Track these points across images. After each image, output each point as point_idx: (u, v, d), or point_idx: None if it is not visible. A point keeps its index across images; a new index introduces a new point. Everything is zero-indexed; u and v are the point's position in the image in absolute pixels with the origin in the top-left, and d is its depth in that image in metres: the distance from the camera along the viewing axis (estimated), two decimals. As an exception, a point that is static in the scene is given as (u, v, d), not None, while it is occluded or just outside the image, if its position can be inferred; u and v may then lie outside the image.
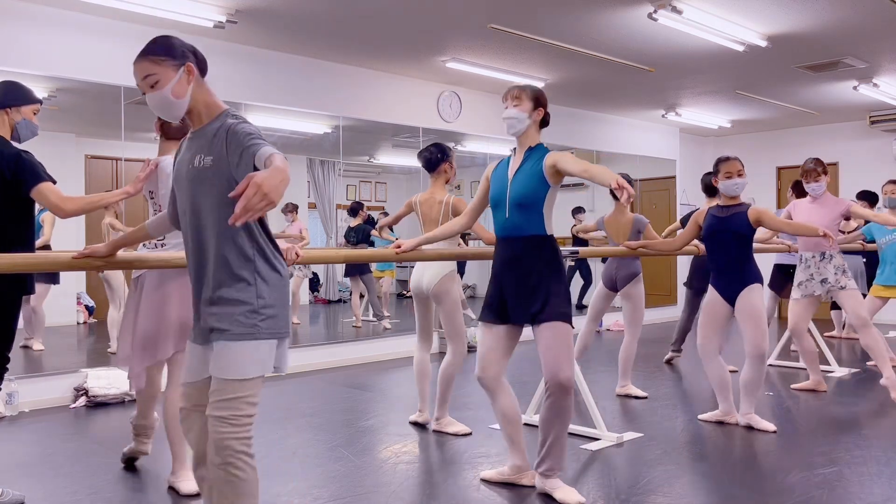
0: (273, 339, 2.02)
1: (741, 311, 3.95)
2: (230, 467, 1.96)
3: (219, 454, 1.96)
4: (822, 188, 4.86)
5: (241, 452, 1.97)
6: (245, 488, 1.97)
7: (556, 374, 2.84)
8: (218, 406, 1.96)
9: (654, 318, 9.65)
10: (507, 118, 3.00)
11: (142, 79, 1.99)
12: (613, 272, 4.88)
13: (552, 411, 2.89)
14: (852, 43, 5.94)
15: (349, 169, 8.04)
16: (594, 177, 2.65)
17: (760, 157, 10.35)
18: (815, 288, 4.82)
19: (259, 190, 1.55)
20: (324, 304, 9.08)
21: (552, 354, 2.85)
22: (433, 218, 4.02)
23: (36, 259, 2.35)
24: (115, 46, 5.18)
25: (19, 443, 3.91)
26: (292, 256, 2.75)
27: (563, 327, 2.87)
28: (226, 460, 1.96)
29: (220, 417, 1.96)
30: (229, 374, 1.96)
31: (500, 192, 3.02)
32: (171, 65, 1.99)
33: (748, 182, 4.07)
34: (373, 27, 5.47)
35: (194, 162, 2.00)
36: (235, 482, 1.96)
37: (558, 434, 2.92)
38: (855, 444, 3.70)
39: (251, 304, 1.98)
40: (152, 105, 2.01)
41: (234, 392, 1.96)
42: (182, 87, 2.00)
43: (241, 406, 1.97)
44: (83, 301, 6.18)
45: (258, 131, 1.95)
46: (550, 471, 2.97)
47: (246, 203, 1.55)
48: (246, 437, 1.99)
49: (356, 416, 4.45)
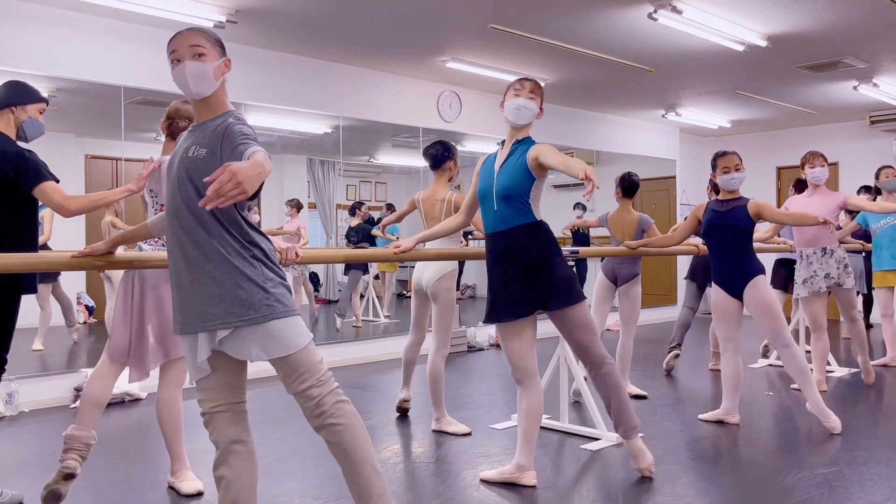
0: (288, 316, 2.04)
1: (752, 305, 3.93)
2: (333, 418, 2.05)
3: (318, 418, 2.05)
4: (826, 175, 4.85)
5: (337, 402, 2.07)
6: (354, 433, 2.07)
7: (587, 353, 3.04)
8: (298, 381, 2.04)
9: (654, 317, 9.65)
10: (522, 107, 2.98)
11: (188, 46, 2.02)
12: (616, 268, 4.86)
13: (598, 382, 3.09)
14: (852, 43, 5.94)
15: (349, 169, 8.04)
16: (568, 169, 2.68)
17: (760, 157, 10.35)
18: (819, 283, 4.82)
19: (234, 177, 1.58)
20: (324, 303, 9.07)
21: (580, 339, 3.02)
22: (435, 215, 4.02)
23: (35, 259, 2.35)
24: (115, 46, 5.18)
25: (19, 443, 3.91)
26: (292, 256, 2.75)
27: (579, 308, 3.00)
28: (325, 421, 2.05)
29: (308, 388, 2.04)
30: (287, 351, 2.02)
31: (487, 186, 3.04)
32: (217, 49, 2.07)
33: (746, 179, 4.06)
34: (373, 27, 5.47)
35: (189, 152, 2.03)
36: (342, 432, 2.05)
37: (617, 400, 3.11)
38: (855, 444, 3.70)
39: (262, 286, 2.00)
40: (190, 73, 2.01)
41: (300, 364, 2.04)
42: (219, 71, 2.06)
43: (313, 369, 2.06)
44: (83, 301, 6.18)
45: (254, 134, 1.99)
46: (627, 432, 3.16)
47: (219, 187, 1.57)
48: (335, 387, 2.09)
49: (356, 416, 4.44)
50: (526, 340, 3.03)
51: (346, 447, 2.06)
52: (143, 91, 5.28)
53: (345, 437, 2.06)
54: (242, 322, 1.98)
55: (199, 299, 2.00)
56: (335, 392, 2.08)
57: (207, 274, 1.99)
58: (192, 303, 2.01)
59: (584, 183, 2.48)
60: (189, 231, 2.02)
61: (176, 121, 3.05)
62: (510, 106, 3.00)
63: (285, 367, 2.04)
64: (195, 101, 2.08)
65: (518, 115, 2.99)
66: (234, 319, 1.98)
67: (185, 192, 2.02)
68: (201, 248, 2.01)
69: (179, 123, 3.04)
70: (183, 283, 2.03)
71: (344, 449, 2.06)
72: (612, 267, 4.89)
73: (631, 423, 3.14)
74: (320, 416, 2.05)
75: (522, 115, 2.99)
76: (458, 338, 7.10)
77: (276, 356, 2.02)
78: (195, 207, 2.00)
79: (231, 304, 1.98)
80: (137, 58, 5.28)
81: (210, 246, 2.00)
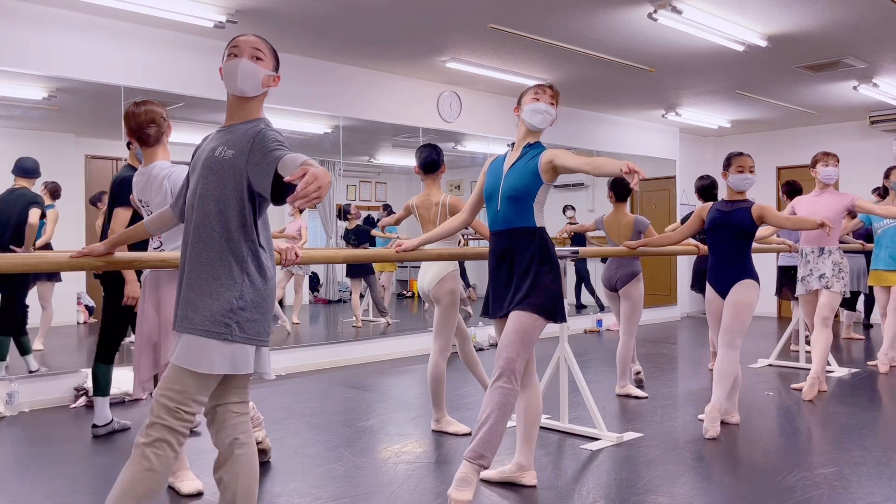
0: (246, 343, 2.03)
1: (729, 301, 3.95)
2: (148, 449, 1.97)
3: (142, 436, 1.98)
4: (836, 175, 4.85)
5: (162, 441, 1.98)
6: (251, 460, 2.09)
7: (503, 353, 2.86)
8: (163, 390, 2.00)
9: (654, 317, 9.65)
10: (544, 111, 3.01)
11: (250, 47, 2.10)
12: (613, 272, 4.87)
13: (492, 392, 2.84)
14: (852, 43, 5.93)
15: (349, 169, 8.03)
16: (598, 168, 2.65)
17: (760, 157, 10.34)
18: (813, 283, 4.83)
19: (316, 181, 1.65)
20: (324, 304, 9.07)
21: (510, 339, 2.87)
22: (431, 219, 4.02)
23: (35, 259, 2.35)
24: (115, 46, 5.18)
25: (19, 443, 3.91)
26: (292, 256, 2.75)
27: (528, 318, 2.87)
28: (144, 444, 1.97)
29: (161, 404, 1.99)
30: (180, 362, 1.99)
31: (493, 185, 3.05)
32: (273, 62, 2.17)
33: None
34: (373, 27, 5.47)
35: (216, 152, 2.06)
36: (139, 468, 1.95)
37: (496, 419, 2.80)
38: (855, 444, 3.70)
39: (228, 303, 2.00)
40: (243, 69, 2.07)
41: (181, 382, 1.99)
42: (268, 80, 2.13)
43: (185, 400, 2.00)
44: (83, 301, 6.18)
45: (285, 141, 2.02)
46: (475, 456, 2.80)
47: (305, 188, 1.63)
48: (178, 429, 2.00)
49: (356, 416, 4.45)
50: None
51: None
52: (143, 91, 5.28)
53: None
54: (188, 330, 2.01)
55: (190, 299, 2.03)
56: (173, 432, 2.00)
57: (194, 275, 2.03)
58: (186, 301, 2.05)
59: (627, 177, 2.46)
60: (195, 230, 2.05)
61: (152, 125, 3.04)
62: (531, 109, 3.02)
63: (170, 373, 2.02)
64: (232, 101, 2.12)
65: (541, 120, 3.02)
66: (187, 324, 2.02)
67: (204, 192, 2.05)
68: (198, 249, 2.04)
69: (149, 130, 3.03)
70: (183, 280, 2.07)
71: (128, 480, 1.95)
72: (610, 273, 4.90)
73: (485, 451, 2.78)
74: (145, 435, 1.98)
75: (545, 121, 3.03)
76: (458, 338, 7.09)
77: (175, 362, 2.01)
78: (208, 207, 2.03)
79: (192, 310, 2.01)
80: (137, 58, 5.28)
81: (207, 249, 2.03)
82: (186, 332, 2.01)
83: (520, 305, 2.89)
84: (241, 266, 2.02)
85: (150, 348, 2.96)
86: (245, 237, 2.04)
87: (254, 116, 2.13)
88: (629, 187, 4.89)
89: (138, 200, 3.06)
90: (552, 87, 3.08)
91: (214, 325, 1.98)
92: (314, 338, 6.80)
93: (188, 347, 2.00)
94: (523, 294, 2.89)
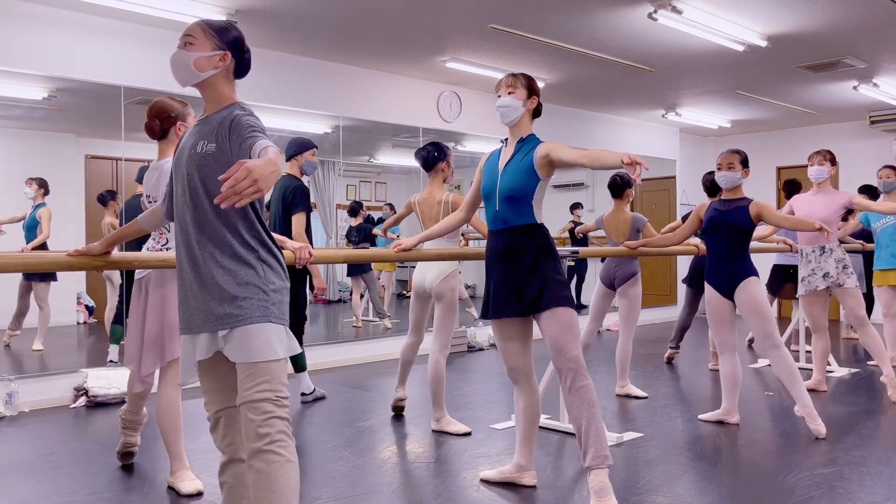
0: (282, 324, 2.01)
1: (743, 305, 3.93)
2: (275, 446, 1.90)
3: (259, 439, 1.90)
4: (824, 174, 4.83)
5: (284, 432, 1.94)
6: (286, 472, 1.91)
7: (562, 354, 2.79)
8: (255, 389, 1.93)
9: (654, 317, 9.65)
10: (502, 107, 2.96)
11: (183, 35, 2.05)
12: (612, 271, 4.87)
13: (572, 396, 2.78)
14: (852, 43, 5.94)
15: (349, 169, 8.03)
16: (596, 160, 2.58)
17: (760, 157, 10.34)
18: (817, 283, 4.81)
19: (249, 175, 1.55)
20: (324, 304, 9.07)
21: (558, 339, 2.79)
22: (432, 217, 4.02)
23: (33, 258, 2.35)
24: (115, 46, 5.18)
25: (19, 443, 3.91)
26: (305, 255, 2.73)
27: (566, 312, 2.82)
28: (264, 446, 1.89)
29: (262, 400, 1.92)
30: (259, 357, 1.94)
31: (490, 185, 3.00)
32: (213, 42, 2.05)
33: (745, 180, 4.03)
34: (373, 27, 5.47)
35: (197, 147, 2.01)
36: (277, 465, 1.89)
37: (589, 420, 2.75)
38: (855, 444, 3.70)
39: (263, 288, 1.98)
40: (172, 60, 2.05)
41: (268, 373, 1.95)
42: (206, 63, 2.03)
43: (278, 387, 1.96)
44: (83, 301, 6.18)
45: (261, 125, 1.96)
46: (595, 461, 2.75)
47: (234, 185, 1.54)
48: (287, 417, 1.97)
49: (356, 416, 4.45)
50: (519, 341, 3.02)
51: (275, 484, 1.89)
52: (143, 91, 5.28)
53: (279, 473, 1.90)
54: (239, 323, 1.95)
55: (202, 298, 1.98)
56: (286, 421, 1.97)
57: (211, 273, 1.97)
58: (196, 302, 2.00)
59: (628, 169, 2.37)
60: (196, 229, 2.00)
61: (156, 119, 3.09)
62: (497, 108, 3.00)
63: (251, 371, 1.95)
64: (200, 93, 2.09)
65: (504, 116, 2.97)
66: (231, 320, 1.95)
67: (194, 190, 2.00)
68: (207, 247, 1.98)
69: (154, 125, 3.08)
70: (187, 282, 2.02)
71: (271, 482, 1.89)
72: (608, 271, 4.89)
73: (602, 451, 2.76)
74: (263, 437, 1.91)
75: (507, 115, 2.96)
76: (458, 338, 7.10)
77: (253, 360, 1.94)
78: (204, 205, 1.99)
79: (230, 305, 1.95)
80: (137, 58, 5.28)
81: (216, 245, 1.98)
82: (233, 328, 1.95)
83: (551, 304, 2.82)
84: (256, 255, 2.00)
85: (155, 346, 2.97)
86: (249, 229, 2.01)
87: (226, 103, 2.06)
88: (628, 182, 4.88)
89: (147, 197, 3.07)
90: (509, 74, 2.99)
91: (257, 311, 1.96)
92: (314, 338, 6.79)
93: (244, 341, 1.94)
94: (546, 291, 2.83)
